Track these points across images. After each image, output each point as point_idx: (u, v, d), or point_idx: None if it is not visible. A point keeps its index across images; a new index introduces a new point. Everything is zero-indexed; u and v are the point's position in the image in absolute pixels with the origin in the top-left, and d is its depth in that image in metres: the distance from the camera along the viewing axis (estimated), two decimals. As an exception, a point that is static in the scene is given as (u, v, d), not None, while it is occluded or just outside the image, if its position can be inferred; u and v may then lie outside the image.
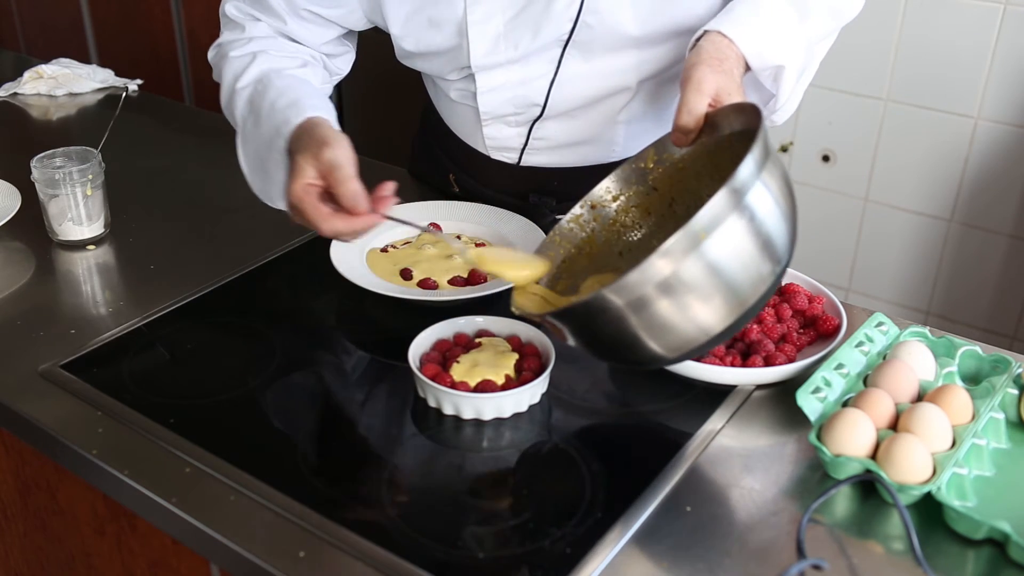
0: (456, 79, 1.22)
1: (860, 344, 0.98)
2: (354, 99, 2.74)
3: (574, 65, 1.15)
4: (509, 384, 0.95)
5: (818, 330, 1.04)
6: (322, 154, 0.93)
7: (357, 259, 1.15)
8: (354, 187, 0.91)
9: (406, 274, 1.14)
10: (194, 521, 0.83)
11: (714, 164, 0.96)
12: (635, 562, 0.79)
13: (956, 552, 0.80)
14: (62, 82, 1.83)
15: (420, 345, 0.99)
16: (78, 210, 1.25)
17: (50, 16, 3.39)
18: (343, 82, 1.31)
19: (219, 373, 1.02)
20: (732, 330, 0.83)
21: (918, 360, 0.95)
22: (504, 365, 0.96)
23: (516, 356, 0.97)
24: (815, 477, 0.88)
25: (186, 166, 1.52)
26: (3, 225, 1.28)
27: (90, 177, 1.24)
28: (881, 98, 2.13)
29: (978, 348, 1.00)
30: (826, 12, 1.11)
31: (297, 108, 1.03)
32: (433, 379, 0.94)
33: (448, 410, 0.94)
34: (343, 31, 1.24)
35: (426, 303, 1.10)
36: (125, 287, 1.20)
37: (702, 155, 0.98)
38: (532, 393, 0.95)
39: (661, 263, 0.77)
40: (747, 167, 0.78)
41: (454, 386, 0.93)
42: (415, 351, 0.97)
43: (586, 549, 0.79)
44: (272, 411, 0.97)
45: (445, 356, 0.98)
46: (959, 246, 2.15)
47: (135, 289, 1.18)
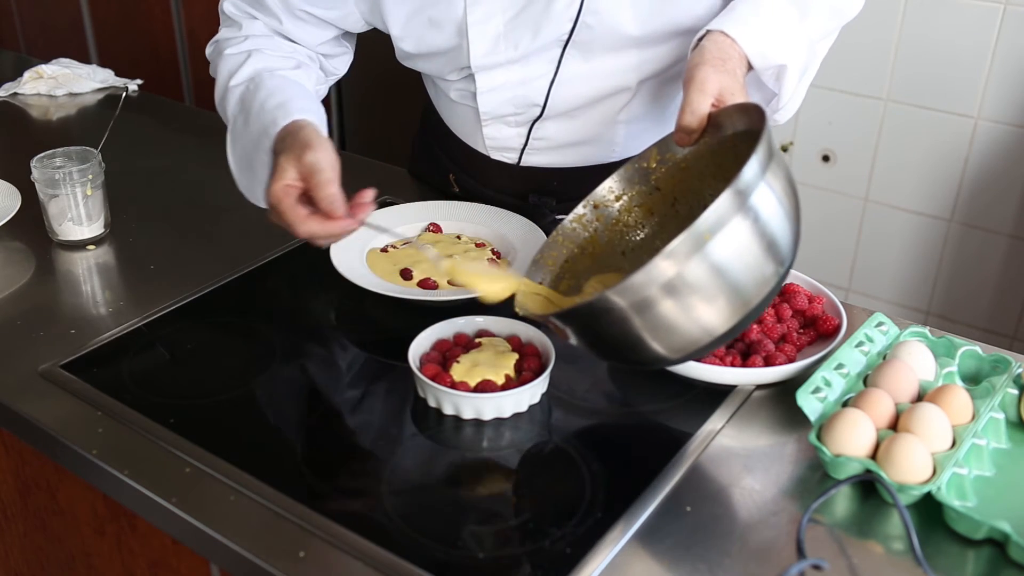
0: (456, 79, 1.22)
1: (860, 344, 0.98)
2: (354, 99, 2.74)
3: (574, 65, 1.15)
4: (509, 384, 0.95)
5: (818, 330, 1.04)
6: (304, 157, 0.94)
7: (357, 259, 1.15)
8: (333, 191, 0.92)
9: (406, 274, 1.14)
10: (194, 521, 0.83)
11: (717, 164, 0.96)
12: (635, 562, 0.79)
13: (956, 552, 0.80)
14: (62, 82, 1.82)
15: (420, 345, 0.99)
16: (78, 210, 1.25)
17: (50, 16, 3.39)
18: (343, 82, 1.31)
19: (219, 373, 1.02)
20: (736, 331, 0.84)
21: (918, 360, 0.95)
22: (504, 365, 0.96)
23: (516, 356, 0.97)
24: (815, 477, 0.88)
25: (186, 166, 1.52)
26: (3, 225, 1.28)
27: (90, 177, 1.24)
28: (881, 98, 2.12)
29: (978, 348, 1.00)
30: (827, 11, 1.11)
31: (285, 110, 1.04)
32: (433, 379, 0.94)
33: (448, 410, 0.94)
34: (340, 32, 1.24)
35: (426, 303, 1.10)
36: (125, 287, 1.20)
37: (705, 155, 0.98)
38: (532, 393, 0.95)
39: (665, 264, 0.77)
40: (751, 168, 0.78)
41: (454, 386, 0.93)
42: (415, 351, 0.97)
43: (586, 549, 0.79)
44: (272, 411, 0.98)
45: (445, 356, 0.98)
46: (959, 246, 2.15)
47: (135, 289, 1.18)
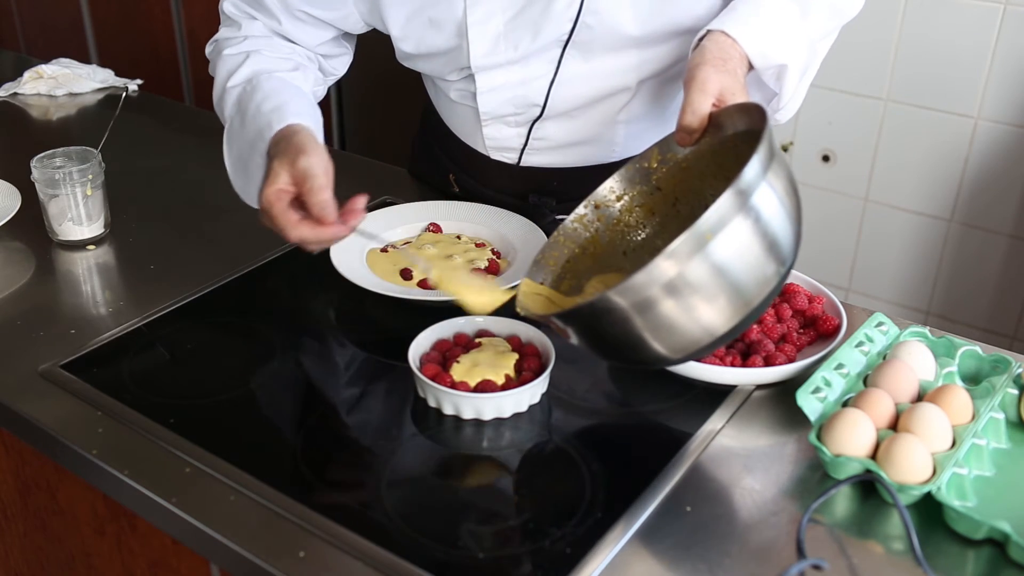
0: (456, 80, 1.22)
1: (860, 344, 0.98)
2: (354, 99, 2.74)
3: (574, 65, 1.15)
4: (509, 384, 0.95)
5: (818, 330, 1.04)
6: (298, 162, 0.94)
7: (357, 259, 1.15)
8: (325, 197, 0.92)
9: (406, 274, 1.14)
10: (194, 521, 0.83)
11: (718, 164, 0.96)
12: (635, 562, 0.79)
13: (956, 552, 0.80)
14: (62, 82, 1.82)
15: (420, 345, 0.99)
16: (78, 210, 1.25)
17: (50, 16, 3.39)
18: (343, 82, 1.31)
19: (219, 373, 1.02)
20: (737, 331, 0.84)
21: (918, 360, 0.95)
22: (504, 365, 0.96)
23: (516, 356, 0.97)
24: (815, 477, 0.88)
25: (186, 166, 1.52)
26: (3, 225, 1.28)
27: (90, 177, 1.24)
28: (881, 98, 2.12)
29: (978, 348, 1.00)
30: (827, 10, 1.11)
31: (280, 113, 1.04)
32: (433, 379, 0.94)
33: (448, 410, 0.94)
34: (339, 33, 1.24)
35: (426, 303, 1.10)
36: (125, 287, 1.20)
37: (706, 155, 0.98)
38: (532, 393, 0.95)
39: (667, 264, 0.77)
40: (753, 168, 0.78)
41: (454, 386, 0.93)
42: (415, 351, 0.97)
43: (586, 549, 0.79)
44: (272, 411, 0.98)
45: (445, 356, 0.98)
46: (959, 246, 2.15)
47: (135, 289, 1.18)
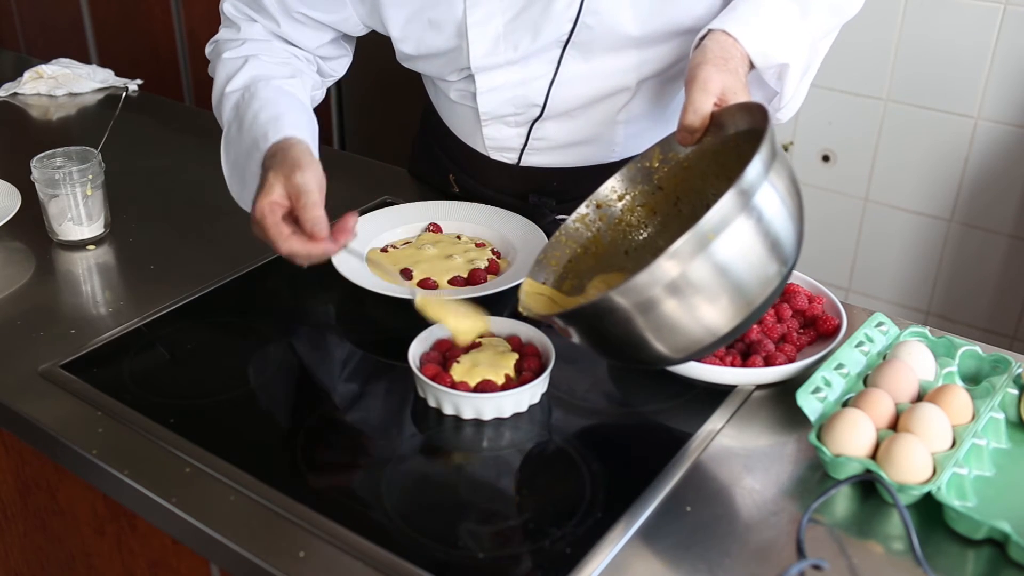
0: (456, 80, 1.22)
1: (860, 344, 0.98)
2: (354, 99, 2.74)
3: (574, 65, 1.15)
4: (509, 384, 0.95)
5: (818, 330, 1.04)
6: (293, 176, 0.95)
7: (357, 259, 1.15)
8: (318, 214, 0.93)
9: (406, 274, 1.14)
10: (194, 521, 0.83)
11: (720, 164, 0.96)
12: (635, 562, 0.79)
13: (956, 552, 0.80)
14: (62, 82, 1.82)
15: (420, 345, 0.99)
16: (78, 210, 1.25)
17: (50, 16, 3.39)
18: (343, 82, 1.31)
19: (219, 373, 1.02)
20: (739, 330, 0.84)
21: (918, 360, 0.95)
22: (504, 365, 0.96)
23: (516, 356, 0.97)
24: (815, 477, 0.88)
25: (186, 166, 1.52)
26: (3, 225, 1.28)
27: (90, 177, 1.24)
28: (881, 98, 2.12)
29: (978, 348, 1.00)
30: (827, 9, 1.11)
31: (277, 124, 1.04)
32: (433, 379, 0.94)
33: (448, 410, 0.94)
34: (339, 35, 1.24)
35: (426, 303, 1.10)
36: (125, 287, 1.20)
37: (708, 154, 0.98)
38: (532, 393, 0.95)
39: (669, 265, 0.77)
40: (755, 168, 0.78)
41: (454, 386, 0.93)
42: (415, 351, 0.97)
43: (586, 549, 0.79)
44: (272, 411, 0.98)
45: (445, 356, 0.98)
46: (959, 246, 2.15)
47: (135, 289, 1.18)
